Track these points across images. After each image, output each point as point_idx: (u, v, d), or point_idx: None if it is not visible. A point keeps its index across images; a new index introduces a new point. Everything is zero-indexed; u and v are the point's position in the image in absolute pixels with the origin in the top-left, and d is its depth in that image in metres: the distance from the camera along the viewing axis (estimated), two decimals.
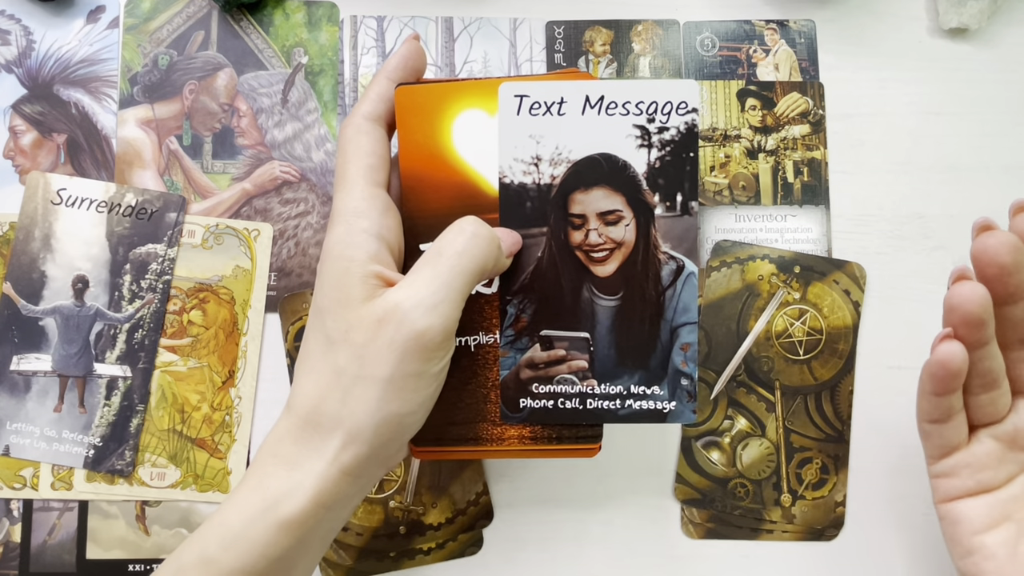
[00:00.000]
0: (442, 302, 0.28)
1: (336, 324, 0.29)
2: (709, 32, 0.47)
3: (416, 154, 0.33)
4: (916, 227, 0.46)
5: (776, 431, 0.44)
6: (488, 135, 0.33)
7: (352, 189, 0.30)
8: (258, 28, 0.46)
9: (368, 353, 0.28)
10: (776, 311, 0.45)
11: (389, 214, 0.31)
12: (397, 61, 0.33)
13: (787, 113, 0.47)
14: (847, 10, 0.48)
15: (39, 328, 0.43)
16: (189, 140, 0.46)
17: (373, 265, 0.29)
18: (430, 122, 0.33)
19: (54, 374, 0.43)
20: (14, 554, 0.42)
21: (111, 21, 0.46)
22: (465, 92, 0.33)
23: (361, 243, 0.29)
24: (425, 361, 0.28)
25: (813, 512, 0.44)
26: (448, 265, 0.28)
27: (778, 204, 0.46)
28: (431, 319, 0.28)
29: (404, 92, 0.33)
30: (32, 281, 0.44)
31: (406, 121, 0.33)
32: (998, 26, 0.48)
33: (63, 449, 0.43)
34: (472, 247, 0.29)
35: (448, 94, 0.33)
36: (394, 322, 0.28)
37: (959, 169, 0.47)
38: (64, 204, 0.44)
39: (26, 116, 0.45)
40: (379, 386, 0.28)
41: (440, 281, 0.28)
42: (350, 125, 0.32)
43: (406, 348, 0.28)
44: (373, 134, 0.32)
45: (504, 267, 0.32)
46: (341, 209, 0.30)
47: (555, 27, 0.47)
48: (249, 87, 0.46)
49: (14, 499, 0.43)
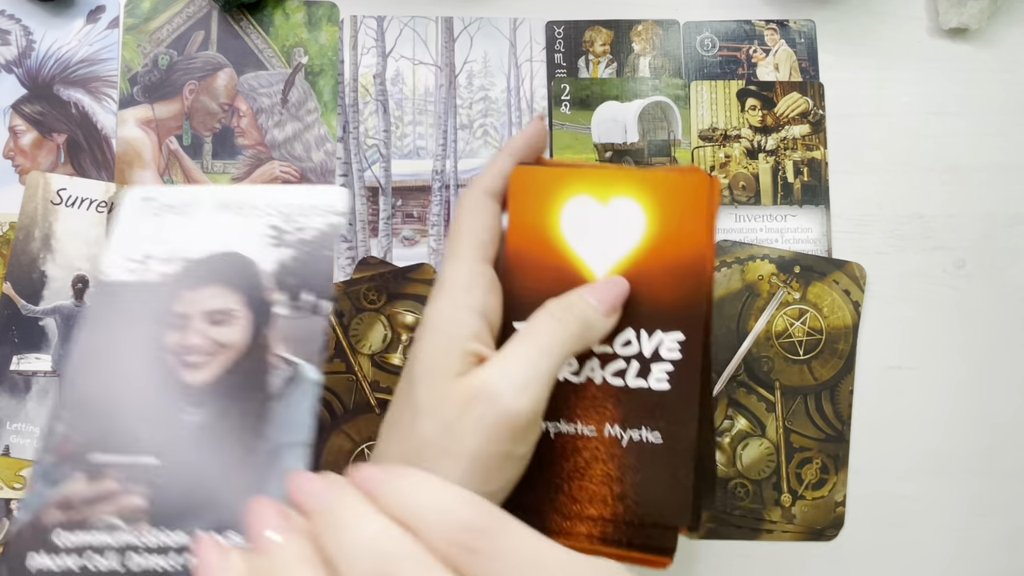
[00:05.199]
0: (532, 383, 0.28)
1: (427, 395, 0.29)
2: (709, 32, 0.47)
3: (524, 233, 0.33)
4: (916, 227, 0.46)
5: (776, 431, 0.44)
6: (596, 223, 0.33)
7: (462, 263, 0.31)
8: (258, 28, 0.46)
9: (457, 429, 0.28)
10: (776, 311, 0.45)
11: (493, 293, 0.32)
12: (522, 141, 0.34)
13: (787, 113, 0.47)
14: (847, 10, 0.48)
15: (39, 328, 0.43)
16: (189, 140, 0.46)
17: (473, 343, 0.30)
18: (541, 203, 0.33)
19: (54, 374, 0.43)
20: None
21: (111, 21, 0.46)
22: (579, 178, 0.33)
23: (464, 320, 0.30)
24: (512, 442, 0.28)
25: (813, 512, 0.44)
26: (538, 346, 0.29)
27: (778, 204, 0.46)
28: (522, 401, 0.28)
29: (521, 172, 0.33)
30: (32, 281, 0.44)
31: (519, 200, 0.33)
32: (998, 26, 0.48)
33: None
34: (560, 329, 0.29)
35: (562, 178, 0.33)
36: (484, 400, 0.28)
37: (959, 169, 0.47)
38: (64, 204, 0.44)
39: (26, 116, 0.45)
40: (465, 462, 0.28)
41: (530, 361, 0.28)
42: (469, 197, 0.33)
43: (495, 427, 0.28)
44: (489, 209, 0.32)
45: (608, 326, 0.31)
46: (449, 281, 0.31)
47: (555, 27, 0.47)
48: (249, 87, 0.46)
49: (14, 499, 0.43)
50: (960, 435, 0.45)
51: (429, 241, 0.45)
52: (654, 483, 0.32)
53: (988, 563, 0.44)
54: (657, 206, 0.32)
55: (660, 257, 0.32)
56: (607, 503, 0.32)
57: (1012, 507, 0.45)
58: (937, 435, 0.45)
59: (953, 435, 0.45)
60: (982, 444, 0.45)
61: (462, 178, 0.46)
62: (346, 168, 0.46)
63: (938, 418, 0.45)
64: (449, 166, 0.46)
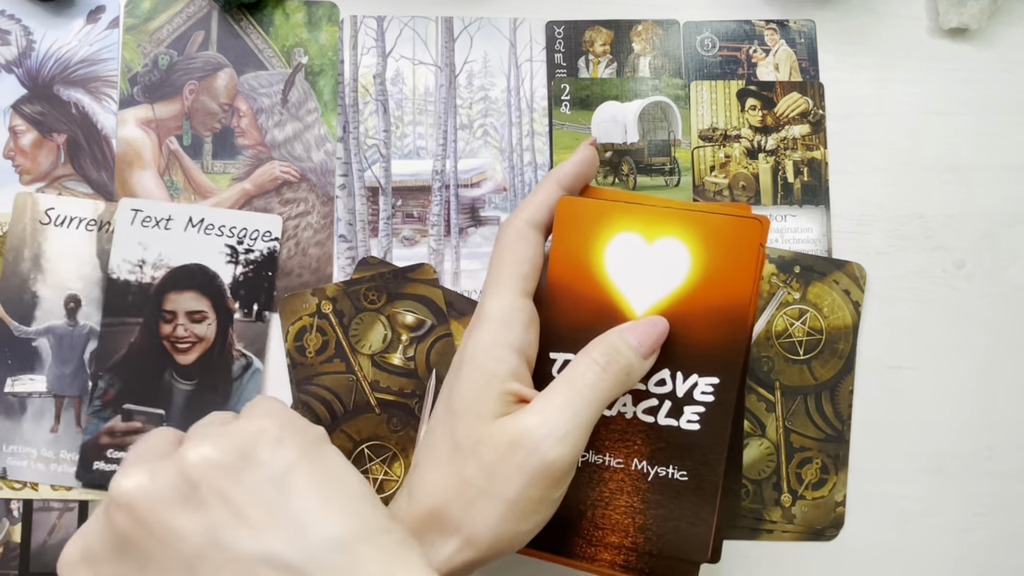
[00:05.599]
0: (571, 432, 0.29)
1: (467, 433, 0.30)
2: (709, 32, 0.47)
3: (566, 264, 0.33)
4: (916, 227, 0.46)
5: (776, 431, 0.44)
6: (640, 261, 0.32)
7: (503, 296, 0.31)
8: (258, 28, 0.46)
9: (497, 472, 0.29)
10: (776, 311, 0.45)
11: (532, 328, 0.32)
12: (570, 168, 0.34)
13: (787, 113, 0.47)
14: (847, 10, 0.48)
15: (32, 349, 0.43)
16: (189, 140, 0.46)
17: (512, 383, 0.30)
18: (586, 237, 0.33)
19: (49, 395, 0.43)
20: (14, 554, 0.42)
21: (111, 21, 0.46)
22: (627, 214, 0.33)
23: (504, 357, 0.31)
24: (550, 488, 0.29)
25: (813, 512, 0.44)
26: (580, 396, 0.29)
27: (778, 204, 0.46)
28: (561, 450, 0.29)
29: (568, 203, 0.33)
30: (23, 303, 0.43)
31: (563, 230, 0.33)
32: (998, 26, 0.48)
33: (60, 469, 0.42)
34: (602, 378, 0.30)
35: (610, 213, 0.33)
36: (525, 448, 0.29)
37: (959, 169, 0.47)
38: (53, 224, 0.44)
39: (26, 116, 0.45)
40: (503, 505, 0.29)
41: (571, 411, 0.29)
42: (512, 228, 0.33)
43: (534, 475, 0.28)
44: (532, 240, 0.32)
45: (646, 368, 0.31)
46: (489, 315, 0.31)
47: (555, 27, 0.47)
48: (249, 87, 0.46)
49: (14, 499, 0.43)
50: (960, 435, 0.45)
51: (429, 241, 0.45)
52: (677, 519, 0.32)
53: (988, 563, 0.44)
54: (704, 248, 0.32)
55: (702, 300, 0.32)
56: (628, 533, 0.33)
57: (1012, 507, 0.45)
58: (937, 435, 0.45)
59: (953, 435, 0.45)
60: (982, 444, 0.45)
61: (462, 178, 0.46)
62: (346, 168, 0.46)
63: (938, 418, 0.45)
64: (449, 166, 0.46)
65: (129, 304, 0.42)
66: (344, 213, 0.45)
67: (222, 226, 0.43)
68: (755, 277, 0.32)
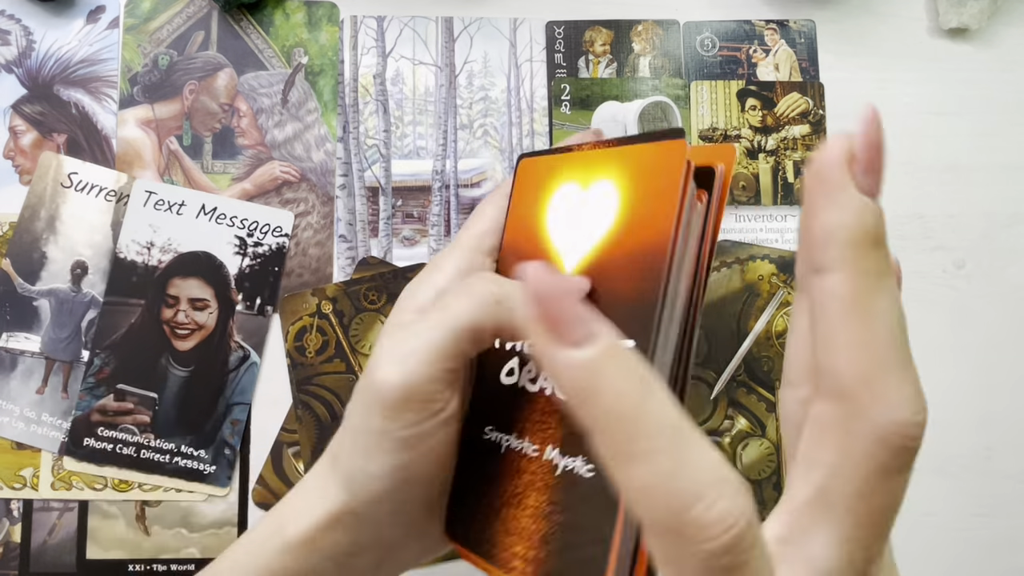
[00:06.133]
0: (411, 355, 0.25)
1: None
2: (709, 32, 0.47)
3: (517, 226, 0.31)
4: (916, 227, 0.46)
5: (776, 431, 0.44)
6: (575, 211, 0.28)
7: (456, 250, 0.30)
8: (258, 28, 0.46)
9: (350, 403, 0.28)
10: (776, 311, 0.45)
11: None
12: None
13: (787, 113, 0.47)
14: (847, 10, 0.48)
15: (32, 308, 0.43)
16: (189, 140, 0.46)
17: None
18: (534, 194, 0.30)
19: (41, 356, 0.43)
20: (14, 554, 0.42)
21: (111, 21, 0.46)
22: (568, 162, 0.29)
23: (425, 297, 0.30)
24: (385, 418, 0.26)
25: None
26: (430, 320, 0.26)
27: (778, 204, 0.46)
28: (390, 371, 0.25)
29: (524, 164, 0.31)
30: (32, 261, 0.44)
31: (518, 192, 0.31)
32: (998, 26, 0.48)
33: (40, 432, 0.43)
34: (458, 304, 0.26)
35: (556, 165, 0.29)
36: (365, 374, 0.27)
37: (959, 169, 0.47)
38: (74, 188, 0.44)
39: (26, 116, 0.45)
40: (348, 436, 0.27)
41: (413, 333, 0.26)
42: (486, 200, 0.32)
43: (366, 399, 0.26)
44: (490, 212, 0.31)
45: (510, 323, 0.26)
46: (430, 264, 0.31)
47: (555, 27, 0.47)
48: (249, 87, 0.46)
49: (14, 499, 0.43)
50: (960, 435, 0.45)
51: (429, 241, 0.45)
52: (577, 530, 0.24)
53: (988, 563, 0.44)
54: (630, 186, 0.26)
55: (621, 247, 0.25)
56: (533, 543, 0.25)
57: (1012, 507, 0.45)
58: (937, 435, 0.45)
59: (953, 435, 0.45)
60: (982, 444, 0.45)
61: (462, 178, 0.46)
62: (346, 168, 0.46)
63: (938, 418, 0.45)
64: (449, 166, 0.46)
65: (133, 285, 0.43)
66: (344, 213, 0.45)
67: (233, 217, 0.43)
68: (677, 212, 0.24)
